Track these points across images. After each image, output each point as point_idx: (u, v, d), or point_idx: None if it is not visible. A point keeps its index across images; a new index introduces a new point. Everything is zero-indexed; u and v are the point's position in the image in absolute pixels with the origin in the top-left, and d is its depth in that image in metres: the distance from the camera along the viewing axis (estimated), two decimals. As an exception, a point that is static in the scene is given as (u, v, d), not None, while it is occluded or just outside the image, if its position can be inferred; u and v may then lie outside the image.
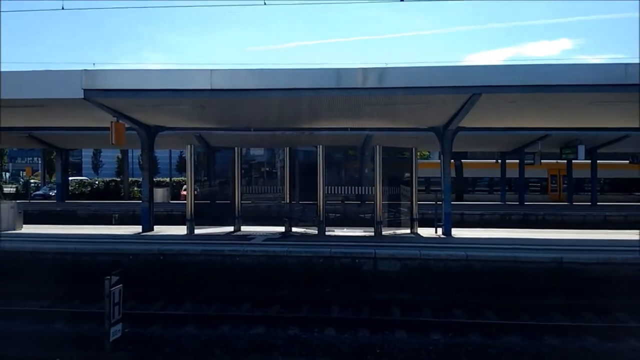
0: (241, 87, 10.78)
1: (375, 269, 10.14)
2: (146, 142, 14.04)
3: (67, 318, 8.49)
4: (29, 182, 36.50)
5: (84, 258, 10.74)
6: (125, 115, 12.65)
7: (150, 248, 10.87)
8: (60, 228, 15.17)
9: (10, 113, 13.71)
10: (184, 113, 13.21)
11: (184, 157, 40.06)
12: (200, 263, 10.49)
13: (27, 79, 11.38)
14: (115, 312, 6.71)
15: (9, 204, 14.73)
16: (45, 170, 36.75)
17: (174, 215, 20.45)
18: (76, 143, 28.56)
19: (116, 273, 6.82)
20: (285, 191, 13.74)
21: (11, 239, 12.18)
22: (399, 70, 11.03)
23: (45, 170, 36.75)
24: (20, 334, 7.84)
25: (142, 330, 7.68)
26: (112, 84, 10.97)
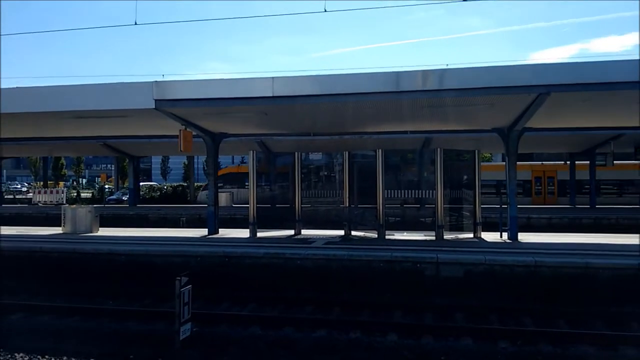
0: (301, 93, 10.98)
1: (438, 274, 9.96)
2: (211, 149, 14.61)
3: (140, 317, 8.99)
4: (103, 187, 38.93)
5: (155, 260, 11.32)
6: (192, 123, 13.24)
7: (216, 250, 11.28)
8: (132, 231, 16.08)
9: (86, 123, 14.76)
10: (246, 120, 13.62)
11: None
12: (263, 265, 10.76)
13: (102, 91, 12.21)
14: (184, 312, 7.03)
15: (86, 209, 15.80)
16: (118, 177, 38.98)
17: (236, 218, 21.07)
18: (146, 150, 30.13)
19: (185, 274, 7.16)
20: (344, 195, 13.81)
21: (89, 242, 13.05)
22: (460, 72, 10.79)
23: (118, 177, 38.98)
24: (98, 331, 8.40)
25: (209, 329, 7.99)
26: (180, 94, 11.53)
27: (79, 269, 11.57)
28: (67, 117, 13.35)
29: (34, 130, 18.33)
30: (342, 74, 11.40)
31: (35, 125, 15.72)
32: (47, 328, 8.62)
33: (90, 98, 12.14)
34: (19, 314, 9.29)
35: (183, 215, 21.49)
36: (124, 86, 12.19)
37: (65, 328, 8.56)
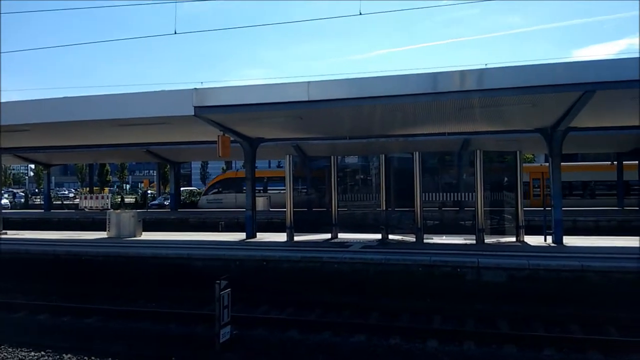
0: (337, 97, 10.98)
1: (479, 278, 9.73)
2: (249, 154, 14.82)
3: (181, 319, 9.19)
4: (146, 192, 40.06)
5: (196, 263, 11.56)
6: (230, 129, 13.47)
7: (254, 254, 11.41)
8: (174, 235, 16.48)
9: (130, 131, 15.26)
10: (283, 124, 13.74)
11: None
12: (301, 269, 10.80)
13: (145, 100, 12.60)
14: (224, 315, 7.14)
15: (130, 213, 16.31)
16: (160, 182, 40.10)
17: (274, 222, 21.25)
18: (186, 156, 30.88)
19: (225, 278, 7.27)
20: (381, 198, 13.70)
21: (132, 246, 13.46)
22: (500, 71, 10.53)
23: (160, 182, 40.10)
24: (142, 333, 8.64)
25: (248, 332, 8.08)
26: (218, 101, 11.76)
27: (123, 273, 11.95)
28: (112, 125, 13.83)
29: (80, 138, 19.10)
30: (377, 77, 11.30)
31: (82, 133, 16.37)
32: (93, 330, 8.94)
33: (133, 106, 12.55)
34: (69, 316, 9.67)
35: (222, 219, 21.85)
36: (164, 94, 12.56)
37: (110, 330, 8.85)
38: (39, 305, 10.19)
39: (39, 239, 15.55)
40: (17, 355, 7.37)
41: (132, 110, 12.57)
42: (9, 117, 13.32)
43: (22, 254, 12.95)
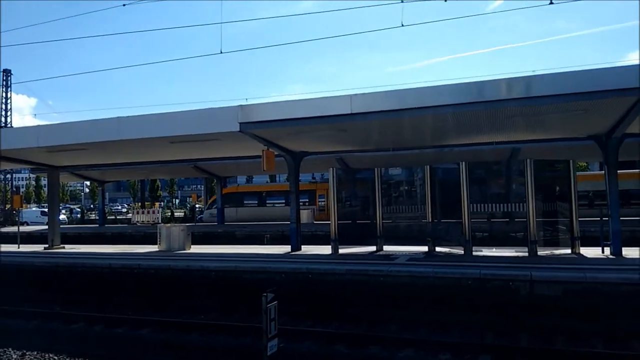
0: (379, 109, 10.94)
1: (532, 292, 9.33)
2: (293, 167, 14.97)
3: (229, 331, 9.33)
4: (194, 207, 41.05)
5: (243, 275, 11.73)
6: (274, 143, 13.67)
7: (300, 267, 11.46)
8: (221, 248, 16.80)
9: (179, 147, 15.75)
10: (326, 138, 13.82)
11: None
12: (346, 282, 10.73)
13: (192, 117, 12.99)
14: (271, 328, 7.17)
15: (179, 227, 16.79)
16: (207, 196, 41.04)
17: (318, 235, 21.30)
18: (232, 171, 31.50)
19: (271, 290, 7.32)
20: (426, 210, 13.48)
21: (182, 259, 13.82)
22: (549, 77, 10.17)
23: (207, 196, 41.04)
24: (192, 345, 8.83)
25: (295, 346, 8.09)
26: (262, 116, 11.97)
27: (173, 285, 12.28)
28: (162, 143, 14.32)
29: (132, 156, 19.91)
30: (420, 87, 11.24)
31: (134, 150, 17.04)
32: (146, 341, 9.22)
33: (182, 124, 12.96)
34: (124, 328, 10.03)
35: (267, 232, 22.10)
36: (211, 111, 12.91)
37: (161, 342, 9.10)
38: (96, 317, 10.62)
39: (94, 252, 16.24)
40: (76, 364, 7.69)
41: (181, 127, 12.98)
42: (66, 138, 14.08)
43: (79, 267, 13.56)
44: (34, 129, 15.15)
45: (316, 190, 31.32)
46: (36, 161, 18.06)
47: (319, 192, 31.20)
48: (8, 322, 10.81)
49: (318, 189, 31.34)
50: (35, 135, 14.29)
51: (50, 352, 8.16)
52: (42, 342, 8.92)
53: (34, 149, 14.54)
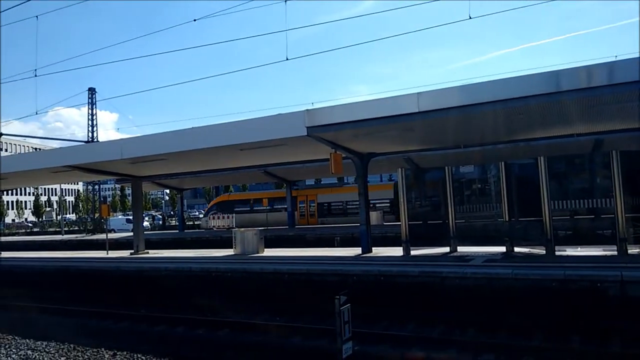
0: (448, 105, 10.64)
1: (624, 294, 8.64)
2: (360, 169, 14.93)
3: (303, 333, 9.44)
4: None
5: (315, 278, 11.84)
6: (341, 146, 13.71)
7: (371, 269, 11.38)
8: (293, 251, 17.08)
9: (249, 154, 16.23)
10: (393, 138, 13.66)
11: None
12: (419, 284, 10.51)
13: (260, 124, 13.35)
14: (345, 330, 7.17)
15: (253, 231, 17.27)
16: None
17: (388, 237, 21.07)
18: (300, 175, 31.99)
19: (344, 293, 7.32)
20: (502, 208, 12.88)
21: (256, 262, 14.20)
22: (634, 62, 9.37)
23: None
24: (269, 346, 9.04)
25: (370, 349, 8.03)
26: (329, 119, 12.05)
27: (248, 287, 12.65)
28: (233, 150, 14.84)
29: (207, 164, 20.81)
30: (490, 81, 10.77)
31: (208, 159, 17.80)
32: (224, 342, 9.55)
33: (251, 131, 13.37)
34: (203, 329, 10.47)
35: (337, 235, 22.19)
36: (278, 117, 13.20)
37: (239, 343, 9.40)
38: (178, 319, 11.17)
39: (176, 257, 17.12)
40: (162, 364, 8.12)
41: (250, 135, 13.38)
42: (146, 149, 14.99)
43: (162, 272, 14.35)
44: (117, 142, 16.29)
45: (297, 197, 33.06)
46: (120, 172, 19.39)
47: (300, 198, 33.20)
48: (100, 323, 11.67)
49: (299, 196, 33.24)
50: (119, 148, 15.35)
51: (138, 352, 8.70)
52: (130, 343, 9.52)
53: (118, 160, 15.62)
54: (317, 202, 32.96)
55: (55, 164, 16.97)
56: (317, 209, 32.95)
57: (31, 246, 31.57)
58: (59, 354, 9.06)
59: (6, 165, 19.18)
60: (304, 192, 33.57)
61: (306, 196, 33.30)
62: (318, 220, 32.45)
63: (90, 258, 18.56)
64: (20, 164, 18.70)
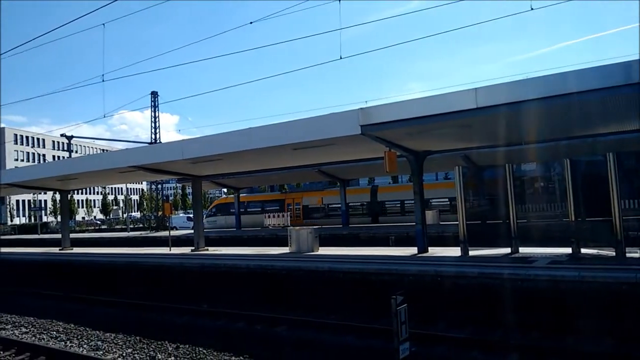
0: (509, 100, 10.24)
1: None
2: (415, 167, 14.69)
3: (358, 332, 9.44)
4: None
5: (370, 277, 11.79)
6: (395, 144, 13.55)
7: (428, 269, 11.18)
8: (347, 250, 17.08)
9: (303, 153, 16.39)
10: (450, 135, 13.34)
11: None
12: (478, 286, 10.20)
13: (314, 124, 13.44)
14: (402, 331, 7.09)
15: (308, 230, 17.43)
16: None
17: (445, 236, 20.62)
18: (354, 173, 31.94)
19: (401, 293, 7.24)
20: (568, 207, 12.25)
21: (311, 260, 14.32)
22: None
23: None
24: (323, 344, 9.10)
25: (428, 350, 7.90)
26: (383, 118, 11.94)
27: (303, 285, 12.79)
28: (288, 149, 15.04)
29: (262, 163, 21.23)
30: (552, 74, 10.18)
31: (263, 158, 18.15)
32: (283, 338, 9.71)
33: (305, 130, 13.49)
34: (261, 325, 10.71)
35: (392, 234, 21.97)
36: (332, 117, 13.22)
37: (296, 339, 9.53)
38: (237, 315, 11.50)
39: (234, 254, 17.60)
40: (221, 359, 8.40)
41: (304, 134, 13.50)
42: (206, 149, 15.50)
43: (221, 267, 14.80)
44: (178, 143, 16.96)
45: (285, 199, 36.05)
46: (181, 172, 20.17)
47: (288, 201, 35.94)
48: (164, 317, 12.20)
49: (287, 199, 36.14)
50: (180, 149, 15.97)
51: (200, 346, 9.04)
52: (192, 337, 9.90)
53: (179, 161, 16.25)
54: (302, 205, 35.72)
55: (121, 164, 17.92)
56: (302, 210, 35.60)
57: (100, 242, 33.51)
58: (126, 345, 9.59)
59: (77, 165, 20.49)
60: (290, 195, 36.86)
61: (293, 199, 36.36)
62: (303, 221, 34.23)
63: (154, 254, 19.45)
64: (89, 164, 19.90)
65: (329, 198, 34.40)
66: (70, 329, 11.15)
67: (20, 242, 37.95)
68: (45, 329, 11.30)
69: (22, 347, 9.53)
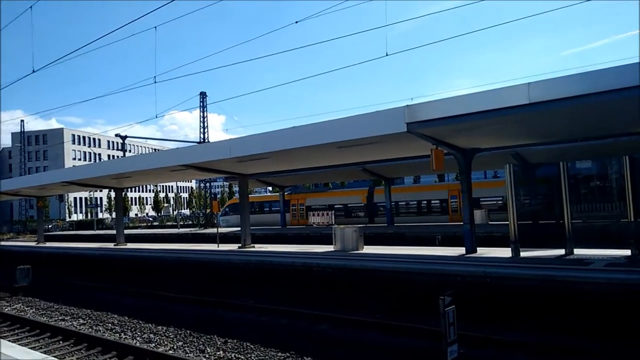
0: (565, 95, 9.78)
1: None
2: (463, 165, 14.34)
3: (404, 332, 9.32)
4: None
5: (415, 277, 11.62)
6: (442, 141, 13.27)
7: (476, 270, 10.89)
8: (393, 249, 16.90)
9: (347, 152, 16.33)
10: (500, 132, 12.93)
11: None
12: (531, 288, 9.84)
13: (358, 122, 13.35)
14: (450, 332, 6.94)
15: (352, 228, 17.38)
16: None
17: (494, 237, 20.03)
18: (399, 172, 31.57)
19: (449, 294, 7.08)
20: (627, 207, 11.61)
21: (356, 258, 14.27)
22: None
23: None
24: (371, 342, 9.04)
25: (476, 352, 7.70)
26: (430, 114, 11.70)
27: (348, 283, 12.76)
28: (332, 148, 15.03)
29: (307, 162, 21.35)
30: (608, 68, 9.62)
31: (308, 157, 18.25)
32: (326, 336, 9.73)
33: (350, 129, 13.42)
34: (306, 321, 10.78)
35: (438, 234, 21.56)
36: (377, 114, 13.08)
37: (340, 337, 9.52)
38: (283, 311, 11.62)
39: (279, 251, 17.81)
40: (268, 354, 8.52)
41: (348, 132, 13.42)
42: (252, 148, 15.74)
43: (266, 264, 15.01)
44: (226, 142, 17.31)
45: (290, 200, 37.84)
46: (229, 170, 20.58)
47: (292, 202, 37.89)
48: (213, 311, 12.51)
49: (292, 199, 37.93)
50: (227, 148, 16.31)
51: (247, 341, 9.21)
52: (240, 332, 10.09)
53: (227, 159, 16.60)
54: (306, 205, 37.64)
55: (172, 163, 18.50)
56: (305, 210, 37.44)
57: (152, 238, 34.77)
58: (177, 338, 9.89)
59: (131, 164, 21.33)
60: (294, 197, 38.65)
61: (297, 200, 38.27)
62: (307, 220, 36.39)
63: (203, 250, 19.98)
64: (142, 163, 20.67)
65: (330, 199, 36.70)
66: (124, 322, 11.63)
67: (78, 238, 39.96)
68: (101, 321, 11.84)
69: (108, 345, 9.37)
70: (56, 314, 12.96)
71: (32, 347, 9.30)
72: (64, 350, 9.44)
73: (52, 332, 10.65)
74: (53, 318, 12.47)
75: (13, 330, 11.30)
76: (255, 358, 8.32)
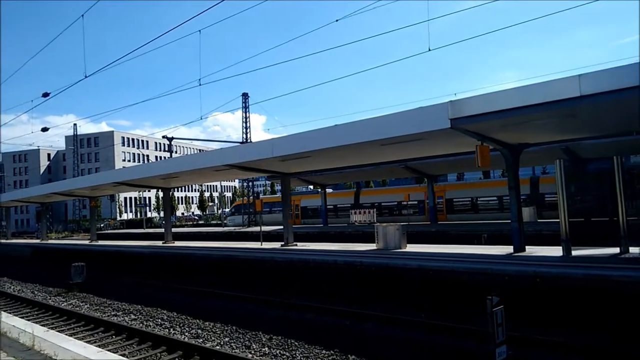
0: (620, 87, 9.29)
1: None
2: (510, 161, 13.90)
3: (451, 332, 9.14)
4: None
5: (462, 277, 11.38)
6: (488, 137, 12.93)
7: (525, 270, 10.55)
8: (437, 247, 16.60)
9: (389, 149, 16.18)
10: (549, 126, 12.46)
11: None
12: (583, 288, 9.44)
13: (401, 119, 13.19)
14: (499, 333, 6.75)
15: (395, 226, 17.21)
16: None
17: (543, 235, 19.33)
18: (442, 169, 31.02)
19: (497, 294, 6.89)
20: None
21: (399, 257, 14.12)
22: None
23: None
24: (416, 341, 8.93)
25: (526, 354, 7.47)
26: (475, 110, 11.41)
27: (390, 282, 12.65)
28: (374, 146, 14.93)
29: (348, 160, 21.31)
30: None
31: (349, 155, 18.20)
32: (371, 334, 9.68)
33: (392, 126, 13.29)
34: (350, 319, 10.76)
35: (484, 232, 21.03)
36: (420, 111, 12.89)
37: (385, 335, 9.46)
38: (326, 309, 11.66)
39: (321, 249, 17.87)
40: (312, 351, 8.56)
41: (391, 129, 13.29)
42: (294, 147, 15.87)
43: (310, 263, 15.10)
44: (268, 142, 17.54)
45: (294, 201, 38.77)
46: (271, 169, 20.85)
47: (296, 202, 39.39)
48: (257, 308, 12.70)
49: (295, 200, 39.29)
50: (270, 147, 16.51)
51: (291, 338, 9.30)
52: (284, 328, 10.19)
53: (269, 158, 16.81)
54: (300, 206, 40.32)
55: (216, 163, 18.93)
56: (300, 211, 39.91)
57: (197, 236, 35.69)
58: (223, 334, 10.11)
59: (178, 165, 21.96)
60: (297, 198, 41.03)
61: (293, 201, 38.53)
62: (301, 221, 39.24)
63: (247, 248, 20.33)
64: (188, 164, 21.25)
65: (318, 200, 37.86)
66: (173, 317, 12.00)
67: (128, 236, 41.55)
68: (151, 317, 12.26)
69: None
70: (109, 310, 13.52)
71: (87, 340, 9.73)
72: (117, 344, 9.83)
73: (105, 327, 11.11)
74: (106, 313, 13.01)
75: (69, 324, 11.87)
76: (300, 355, 8.38)
